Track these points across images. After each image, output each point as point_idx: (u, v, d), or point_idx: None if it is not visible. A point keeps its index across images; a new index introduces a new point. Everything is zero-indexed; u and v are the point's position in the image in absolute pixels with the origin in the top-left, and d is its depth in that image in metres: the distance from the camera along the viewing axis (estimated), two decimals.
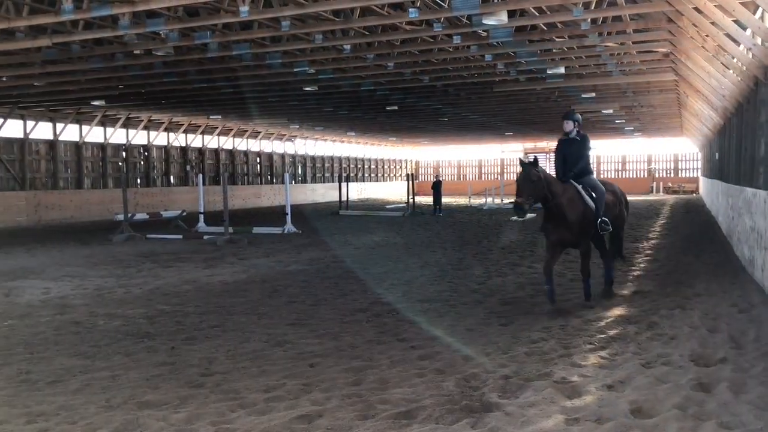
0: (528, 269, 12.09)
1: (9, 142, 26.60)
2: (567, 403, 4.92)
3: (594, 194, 8.42)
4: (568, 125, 8.57)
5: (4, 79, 18.86)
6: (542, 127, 38.64)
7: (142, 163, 33.47)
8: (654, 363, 5.85)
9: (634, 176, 53.39)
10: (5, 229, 23.42)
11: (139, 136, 32.87)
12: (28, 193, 26.56)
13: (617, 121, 35.74)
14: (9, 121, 26.34)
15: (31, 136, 27.39)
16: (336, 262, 13.48)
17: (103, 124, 30.63)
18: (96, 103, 24.54)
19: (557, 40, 15.27)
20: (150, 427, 4.62)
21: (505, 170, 56.11)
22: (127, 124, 31.72)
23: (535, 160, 8.15)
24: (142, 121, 32.11)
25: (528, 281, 10.73)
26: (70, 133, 29.23)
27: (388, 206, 35.70)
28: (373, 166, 55.71)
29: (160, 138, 34.13)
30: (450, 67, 18.13)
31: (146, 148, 33.50)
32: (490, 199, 35.26)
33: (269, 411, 4.91)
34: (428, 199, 34.65)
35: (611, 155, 54.43)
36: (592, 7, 12.48)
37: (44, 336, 7.46)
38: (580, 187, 8.38)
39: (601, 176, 47.58)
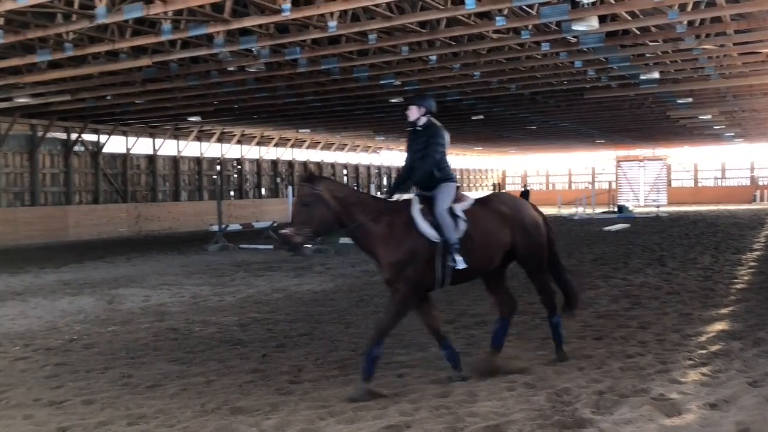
0: (622, 281, 11.66)
1: (113, 157, 28.19)
2: (666, 421, 4.68)
3: (440, 217, 5.73)
4: (412, 112, 6.06)
5: (109, 98, 20.01)
6: (636, 135, 37.36)
7: (235, 176, 34.67)
8: (762, 382, 5.49)
9: (736, 184, 50.65)
10: (108, 240, 24.76)
11: (232, 150, 34.09)
12: (129, 205, 28.00)
13: (716, 127, 34.06)
14: (112, 137, 27.91)
15: (132, 152, 28.91)
16: None
17: (198, 139, 31.95)
18: (192, 119, 25.65)
19: (651, 44, 14.74)
20: None
21: (596, 179, 54.50)
22: (222, 139, 32.96)
23: (310, 174, 5.89)
24: (235, 135, 33.29)
25: (622, 294, 10.34)
26: (168, 148, 30.66)
27: None
28: (457, 176, 55.35)
29: (252, 151, 35.27)
30: (538, 74, 17.84)
31: (239, 161, 34.69)
32: (580, 209, 34.34)
33: (357, 420, 4.93)
34: None
35: (709, 163, 51.89)
36: (689, 9, 11.95)
37: (144, 342, 7.80)
38: (417, 206, 5.80)
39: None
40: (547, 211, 39.49)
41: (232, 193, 34.31)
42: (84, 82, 17.44)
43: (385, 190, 5.87)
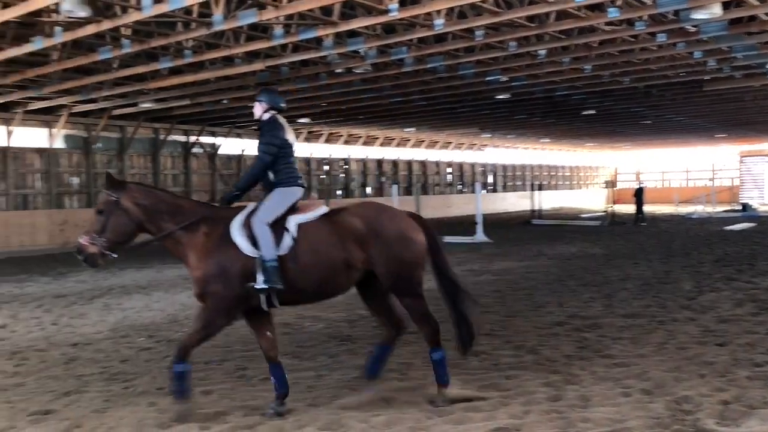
0: (747, 284, 10.94)
1: (228, 158, 29.48)
2: None
3: (256, 229, 5.15)
4: (256, 109, 5.59)
5: (225, 101, 20.94)
6: (761, 128, 34.91)
7: (342, 175, 35.40)
8: None
9: None
10: None
11: (339, 150, 34.83)
12: (243, 204, 29.12)
13: None
14: (228, 139, 29.20)
15: (245, 153, 30.11)
16: (529, 273, 13.17)
17: (307, 140, 32.85)
18: (302, 120, 26.39)
19: None
20: (352, 428, 4.81)
21: (716, 175, 51.36)
22: (329, 140, 33.74)
23: (110, 180, 5.30)
24: (342, 136, 33.97)
25: (748, 297, 9.70)
26: None
27: (583, 215, 34.28)
28: (567, 174, 53.88)
29: (358, 151, 35.87)
30: (653, 66, 17.02)
31: (346, 161, 35.39)
32: (699, 207, 32.51)
33: (466, 421, 4.89)
34: (629, 208, 32.74)
35: None
36: None
37: None
38: (242, 215, 5.30)
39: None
40: (663, 209, 37.75)
41: (338, 192, 35.03)
42: (202, 87, 18.33)
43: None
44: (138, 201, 5.24)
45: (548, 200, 42.69)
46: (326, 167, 34.20)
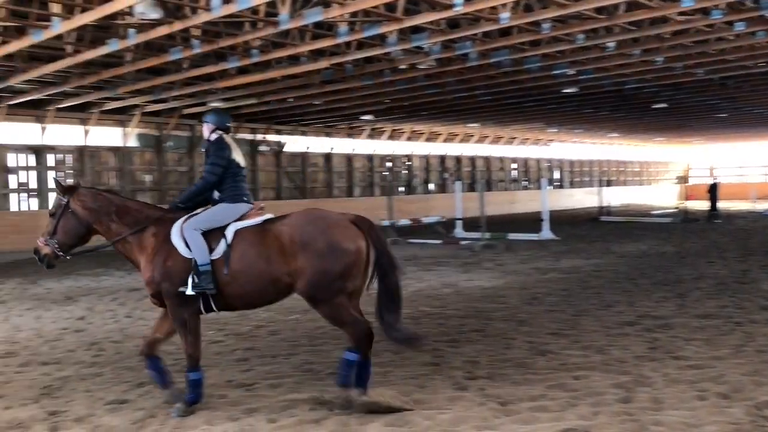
0: None
1: (293, 156, 29.94)
2: None
3: (186, 233, 5.22)
4: (204, 129, 5.76)
5: (290, 100, 21.25)
6: None
7: (404, 172, 35.42)
8: None
9: None
10: None
11: (402, 147, 34.85)
12: (308, 201, 29.54)
13: None
14: (293, 137, 29.65)
15: (310, 150, 30.53)
16: (598, 271, 12.86)
17: (371, 137, 33.00)
18: (365, 117, 26.52)
19: None
20: (418, 425, 4.79)
21: None
22: (392, 136, 33.81)
23: (59, 185, 5.58)
24: (405, 132, 33.98)
25: None
26: (342, 146, 31.99)
27: (654, 212, 33.23)
28: (636, 169, 52.35)
29: (420, 148, 35.81)
30: (730, 57, 16.32)
31: (409, 157, 35.38)
32: None
33: (534, 421, 4.81)
34: (702, 204, 31.57)
35: None
36: None
37: (323, 330, 8.15)
38: (180, 223, 5.30)
39: None
40: (739, 205, 36.20)
41: (401, 188, 35.05)
42: (268, 85, 18.65)
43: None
44: (86, 204, 5.46)
45: (617, 196, 41.61)
46: (389, 164, 34.29)
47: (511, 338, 7.49)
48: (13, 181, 21.61)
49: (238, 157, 5.57)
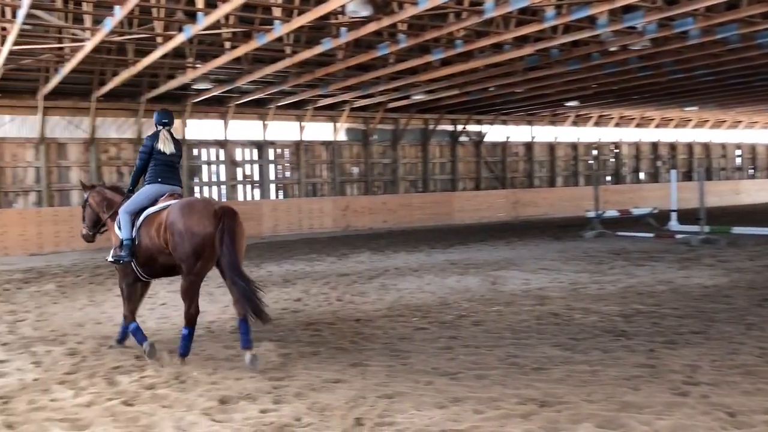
0: None
1: (493, 145, 29.75)
2: None
3: (120, 215, 6.92)
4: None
5: (492, 89, 21.09)
6: None
7: (612, 160, 33.64)
8: None
9: None
10: (488, 224, 26.22)
11: (609, 134, 33.12)
12: (508, 191, 29.23)
13: None
14: (493, 127, 29.45)
15: (510, 139, 30.11)
16: None
17: (575, 123, 31.76)
18: (570, 104, 25.56)
19: None
20: (634, 429, 4.51)
21: None
22: (598, 123, 32.25)
23: (83, 185, 7.99)
24: (613, 118, 32.23)
25: None
26: (544, 134, 31.15)
27: None
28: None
29: (630, 134, 33.77)
30: None
31: (616, 145, 33.54)
32: None
33: None
34: None
35: None
36: None
37: (527, 324, 8.01)
38: (121, 207, 7.01)
39: None
40: None
41: (608, 178, 33.36)
42: (470, 76, 18.66)
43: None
44: (95, 199, 7.54)
45: None
46: (594, 152, 32.77)
47: (739, 343, 6.78)
48: (239, 174, 23.92)
49: (163, 146, 6.99)
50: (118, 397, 5.46)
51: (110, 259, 6.86)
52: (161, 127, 7.13)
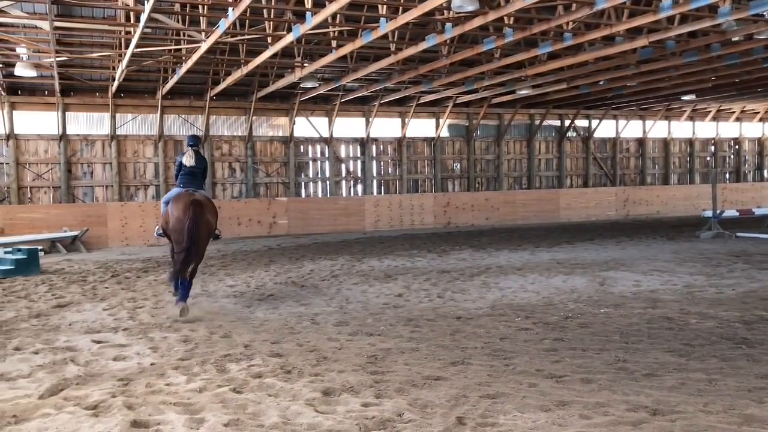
0: None
1: (603, 141, 28.70)
2: None
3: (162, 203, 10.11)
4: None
5: (602, 83, 20.32)
6: None
7: (731, 156, 31.66)
8: None
9: None
10: (597, 222, 25.35)
11: (728, 129, 31.17)
12: (618, 188, 28.12)
13: None
14: (603, 122, 28.40)
15: (621, 135, 28.93)
16: None
17: (691, 118, 30.13)
18: (686, 97, 24.25)
19: None
20: None
21: None
22: (716, 117, 30.43)
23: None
24: (734, 112, 30.30)
25: None
26: (658, 129, 29.73)
27: None
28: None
29: (753, 129, 31.63)
30: None
31: (737, 140, 31.52)
32: None
33: None
34: None
35: None
36: None
37: (637, 327, 7.66)
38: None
39: None
40: None
41: (727, 175, 31.42)
42: (579, 69, 18.06)
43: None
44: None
45: None
46: (712, 148, 30.95)
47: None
48: (343, 170, 24.32)
49: (188, 161, 9.44)
50: (228, 384, 5.66)
51: (155, 235, 9.80)
52: (189, 148, 9.61)
